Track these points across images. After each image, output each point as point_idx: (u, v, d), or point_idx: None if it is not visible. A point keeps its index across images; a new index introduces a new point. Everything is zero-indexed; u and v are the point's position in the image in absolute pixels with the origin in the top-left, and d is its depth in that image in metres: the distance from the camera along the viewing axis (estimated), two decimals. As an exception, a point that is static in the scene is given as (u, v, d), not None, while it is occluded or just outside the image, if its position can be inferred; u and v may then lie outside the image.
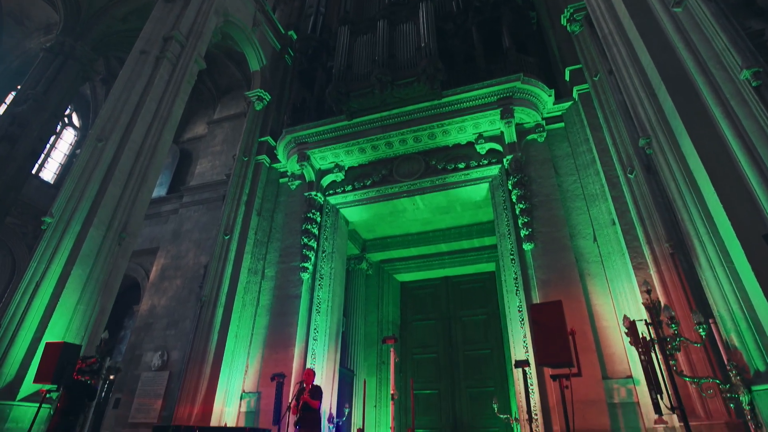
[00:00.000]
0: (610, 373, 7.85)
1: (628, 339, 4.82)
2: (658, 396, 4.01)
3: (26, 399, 6.13)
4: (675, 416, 7.01)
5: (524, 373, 7.25)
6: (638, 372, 7.63)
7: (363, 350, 13.03)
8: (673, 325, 4.36)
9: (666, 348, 4.02)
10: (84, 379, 5.88)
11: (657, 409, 4.23)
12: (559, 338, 3.03)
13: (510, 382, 11.77)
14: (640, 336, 4.43)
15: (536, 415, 7.76)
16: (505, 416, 8.77)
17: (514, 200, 9.86)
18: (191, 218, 13.44)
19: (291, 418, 5.71)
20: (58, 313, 6.73)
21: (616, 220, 8.70)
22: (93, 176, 7.73)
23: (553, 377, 3.17)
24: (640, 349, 4.43)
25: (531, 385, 8.00)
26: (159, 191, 15.36)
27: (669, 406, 3.99)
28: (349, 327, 12.93)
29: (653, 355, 4.30)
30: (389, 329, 13.45)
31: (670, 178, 5.80)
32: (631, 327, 4.58)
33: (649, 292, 4.74)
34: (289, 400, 5.96)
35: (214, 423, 8.97)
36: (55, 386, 5.37)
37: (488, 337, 12.96)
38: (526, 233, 9.36)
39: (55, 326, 6.62)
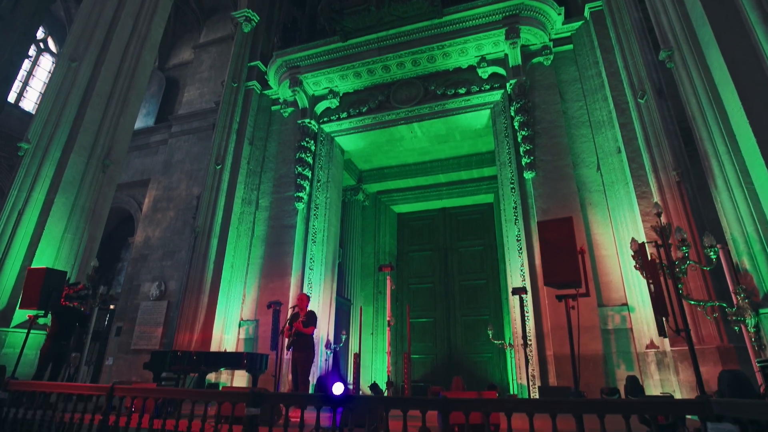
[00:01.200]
0: (605, 301, 7.89)
1: (633, 264, 4.69)
2: (664, 319, 3.93)
3: (20, 326, 6.11)
4: (666, 341, 7.14)
5: (521, 300, 7.26)
6: (634, 300, 7.69)
7: (360, 280, 13.14)
8: (684, 248, 4.20)
9: (675, 271, 3.89)
10: (72, 305, 5.82)
11: (661, 331, 4.18)
12: (568, 257, 2.84)
13: (504, 310, 11.98)
14: (649, 258, 4.28)
15: (530, 340, 7.88)
16: (500, 342, 8.96)
17: (516, 127, 9.45)
18: (181, 148, 12.98)
19: (285, 342, 5.72)
20: (45, 241, 6.54)
21: (622, 148, 8.37)
22: (69, 99, 7.23)
23: (559, 297, 3.00)
24: (646, 272, 4.29)
25: (527, 312, 8.08)
26: (146, 121, 14.77)
27: (674, 328, 3.93)
28: (346, 258, 12.94)
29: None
30: (386, 260, 13.48)
31: (691, 93, 5.39)
32: (640, 249, 4.42)
33: (659, 214, 4.53)
34: (283, 325, 5.94)
35: (213, 349, 9.14)
36: (42, 312, 5.30)
37: (484, 268, 13.05)
38: (528, 161, 9.04)
39: (43, 255, 6.46)
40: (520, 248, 8.61)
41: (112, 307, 12.72)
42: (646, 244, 4.50)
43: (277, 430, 3.04)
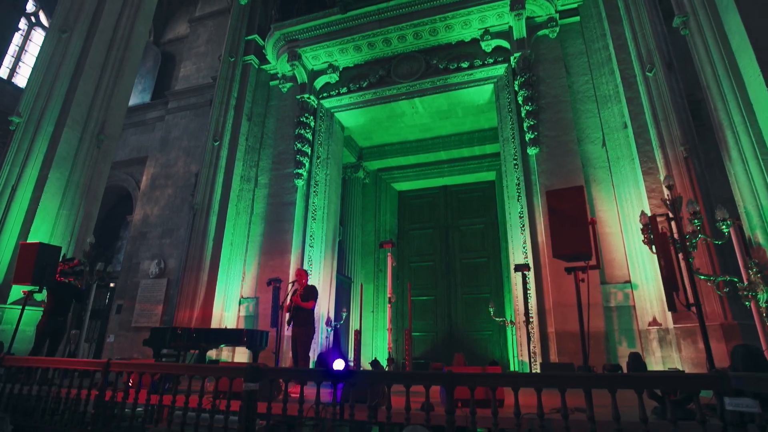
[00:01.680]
0: (608, 278, 7.82)
1: (641, 239, 4.57)
2: (675, 294, 3.84)
3: (17, 302, 6.04)
4: (669, 318, 7.10)
5: (523, 277, 7.18)
6: (637, 277, 7.62)
7: (360, 258, 13.08)
8: (696, 221, 4.08)
9: (686, 245, 3.77)
10: (68, 281, 5.73)
11: (671, 306, 4.09)
12: (579, 227, 2.71)
13: (505, 288, 11.95)
14: (660, 230, 4.15)
15: (532, 317, 7.84)
16: (501, 319, 8.92)
17: (520, 102, 9.23)
18: (179, 125, 12.75)
19: (285, 317, 5.65)
20: (40, 217, 6.43)
21: (629, 123, 8.17)
22: (60, 72, 7.01)
23: (569, 270, 2.88)
24: (656, 246, 4.17)
25: (529, 289, 8.02)
26: (143, 97, 14.50)
27: (684, 303, 3.84)
28: (346, 236, 12.85)
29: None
30: (386, 238, 13.39)
31: (706, 61, 5.19)
32: (651, 222, 4.30)
33: (670, 187, 4.39)
34: (282, 300, 5.87)
35: (214, 326, 9.13)
36: (37, 287, 5.22)
37: (485, 246, 12.97)
38: (532, 137, 8.85)
39: (38, 231, 6.35)
40: (523, 225, 8.50)
41: (112, 285, 12.71)
42: (657, 218, 4.37)
43: (277, 405, 2.98)
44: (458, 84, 10.17)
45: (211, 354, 9.29)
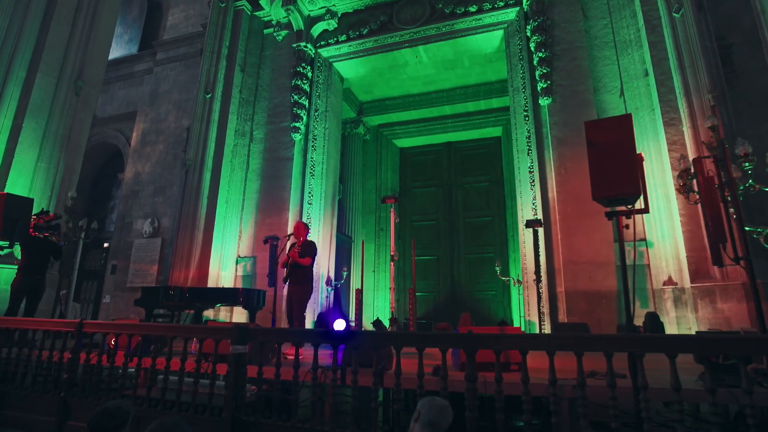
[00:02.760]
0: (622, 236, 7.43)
1: (679, 183, 4.14)
2: (721, 246, 3.44)
3: (-5, 261, 5.67)
4: (686, 276, 6.78)
5: (535, 234, 6.79)
6: (653, 235, 7.26)
7: (361, 217, 12.71)
8: (747, 164, 3.63)
9: (735, 191, 3.36)
10: (44, 235, 5.33)
11: (716, 260, 3.72)
12: (625, 163, 2.27)
13: (510, 247, 11.63)
14: (706, 173, 3.71)
15: (541, 276, 7.52)
16: (507, 278, 8.61)
17: (532, 49, 8.59)
18: (168, 77, 12.06)
19: (283, 274, 5.29)
20: (16, 170, 5.96)
21: (650, 70, 7.59)
22: (30, 11, 6.36)
23: (610, 215, 2.47)
24: (702, 192, 3.75)
25: (539, 246, 7.67)
26: (129, 48, 13.70)
27: (732, 256, 3.46)
28: (346, 194, 12.42)
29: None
30: (383, 204, 12.96)
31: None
32: (695, 165, 3.85)
33: (714, 128, 3.91)
34: (279, 255, 5.50)
35: (211, 286, 8.84)
36: (6, 243, 4.83)
37: (490, 205, 12.57)
38: (544, 86, 8.27)
39: (15, 186, 5.90)
40: (533, 180, 8.05)
41: (106, 245, 12.39)
42: (703, 160, 3.91)
43: (269, 369, 2.64)
44: (465, 30, 9.47)
45: (209, 314, 9.06)
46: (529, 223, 6.89)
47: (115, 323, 3.23)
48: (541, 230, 7.52)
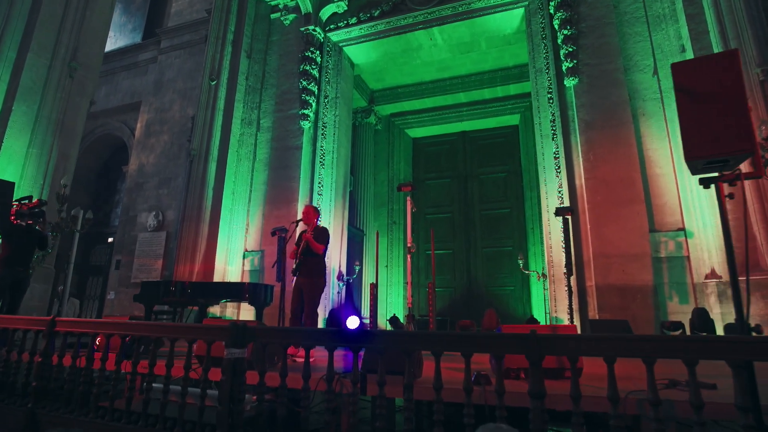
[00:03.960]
0: (658, 226, 6.88)
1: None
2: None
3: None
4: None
5: (565, 223, 6.25)
6: (692, 224, 6.67)
7: (373, 210, 12.22)
8: None
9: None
10: (27, 223, 4.89)
11: None
12: (734, 112, 1.75)
13: (530, 240, 11.08)
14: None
15: (573, 269, 6.99)
16: (531, 272, 8.06)
17: (556, 27, 8.02)
18: (172, 65, 11.65)
19: (292, 265, 4.79)
20: (5, 157, 5.56)
21: (688, 46, 7.00)
22: (21, -13, 5.94)
23: (708, 182, 1.93)
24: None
25: (563, 238, 7.14)
26: (133, 37, 13.33)
27: None
28: (357, 186, 11.94)
29: None
30: (399, 192, 12.45)
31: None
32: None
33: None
34: (287, 244, 5.01)
35: (217, 281, 8.41)
36: (-19, 231, 4.39)
37: (508, 196, 12.01)
38: (569, 66, 7.70)
39: (5, 173, 5.49)
40: (558, 167, 7.50)
41: (110, 240, 12.06)
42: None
43: (273, 374, 2.17)
44: (483, 9, 8.92)
45: (215, 311, 8.66)
46: (559, 211, 6.35)
47: (89, 321, 2.79)
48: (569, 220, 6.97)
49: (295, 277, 4.65)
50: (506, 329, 2.70)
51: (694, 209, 6.61)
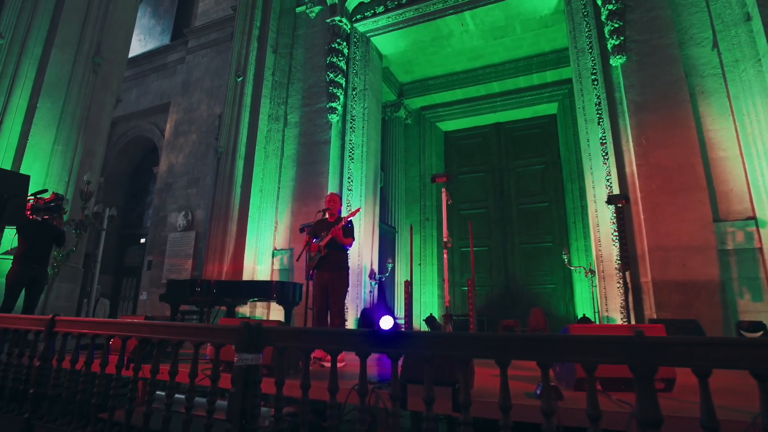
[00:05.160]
0: (723, 215, 6.19)
1: None
2: None
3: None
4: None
5: (618, 212, 5.68)
6: (765, 212, 5.94)
7: (404, 207, 11.82)
8: None
9: None
10: (42, 219, 4.72)
11: None
12: None
13: (572, 235, 10.44)
14: None
15: (619, 263, 6.39)
16: (578, 267, 7.48)
17: (599, 2, 7.40)
18: (200, 64, 11.60)
19: (311, 260, 4.44)
20: (31, 154, 5.46)
21: (755, 12, 6.27)
22: (45, -19, 5.86)
23: None
24: None
25: (613, 231, 6.54)
26: (162, 39, 13.41)
27: None
28: (388, 182, 11.56)
29: None
30: (432, 184, 12.01)
31: None
32: None
33: None
34: (308, 235, 4.66)
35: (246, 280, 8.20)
36: (-7, 226, 4.22)
37: (546, 189, 11.37)
38: (616, 44, 7.08)
39: (30, 170, 5.39)
40: (606, 153, 6.89)
41: (143, 241, 12.12)
42: None
43: (294, 382, 1.80)
44: (518, -11, 8.39)
45: (245, 311, 8.45)
46: (611, 200, 5.78)
47: (90, 320, 2.51)
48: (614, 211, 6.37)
49: (314, 273, 4.30)
50: (576, 330, 2.25)
51: (766, 195, 5.90)
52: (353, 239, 4.37)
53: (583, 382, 2.00)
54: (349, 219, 4.40)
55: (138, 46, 13.76)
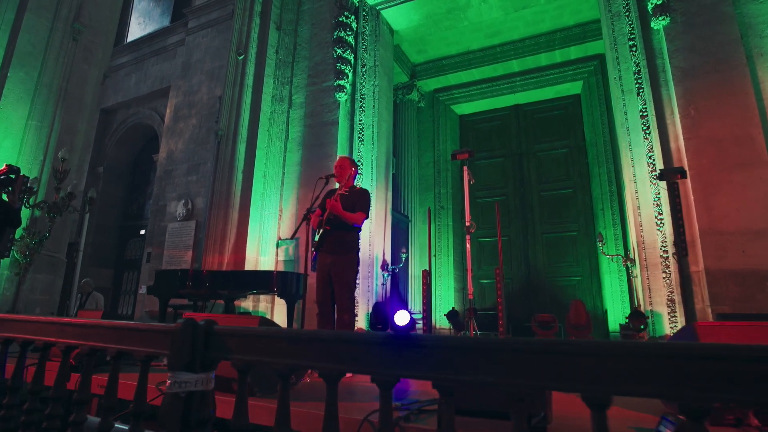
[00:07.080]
0: (789, 192, 5.39)
1: None
2: None
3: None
4: None
5: (671, 188, 4.93)
6: (840, 188, 5.15)
7: (418, 195, 11.11)
8: None
9: None
10: None
11: None
12: None
13: (599, 223, 9.65)
14: None
15: (666, 250, 5.65)
16: (615, 256, 6.73)
17: (637, -41, 6.61)
18: (200, 45, 10.94)
19: (313, 237, 3.76)
20: (1, 129, 4.85)
21: (824, -40, 5.44)
22: (17, -62, 5.24)
23: None
24: None
25: (660, 215, 5.80)
26: (162, 21, 12.79)
27: None
28: (401, 168, 10.86)
29: None
30: (447, 170, 11.30)
31: None
32: None
33: None
34: (309, 208, 3.99)
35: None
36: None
37: (570, 174, 10.59)
38: (658, 3, 6.29)
39: (1, 147, 4.80)
40: (647, 126, 6.13)
41: (142, 232, 11.57)
42: None
43: (273, 405, 1.14)
44: (544, -49, 7.60)
45: (247, 306, 7.84)
46: (664, 174, 5.02)
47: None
48: (661, 190, 5.61)
49: (316, 254, 3.52)
50: (702, 330, 1.56)
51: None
52: (366, 215, 3.61)
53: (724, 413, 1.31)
54: (361, 188, 3.69)
55: (137, 29, 13.17)
